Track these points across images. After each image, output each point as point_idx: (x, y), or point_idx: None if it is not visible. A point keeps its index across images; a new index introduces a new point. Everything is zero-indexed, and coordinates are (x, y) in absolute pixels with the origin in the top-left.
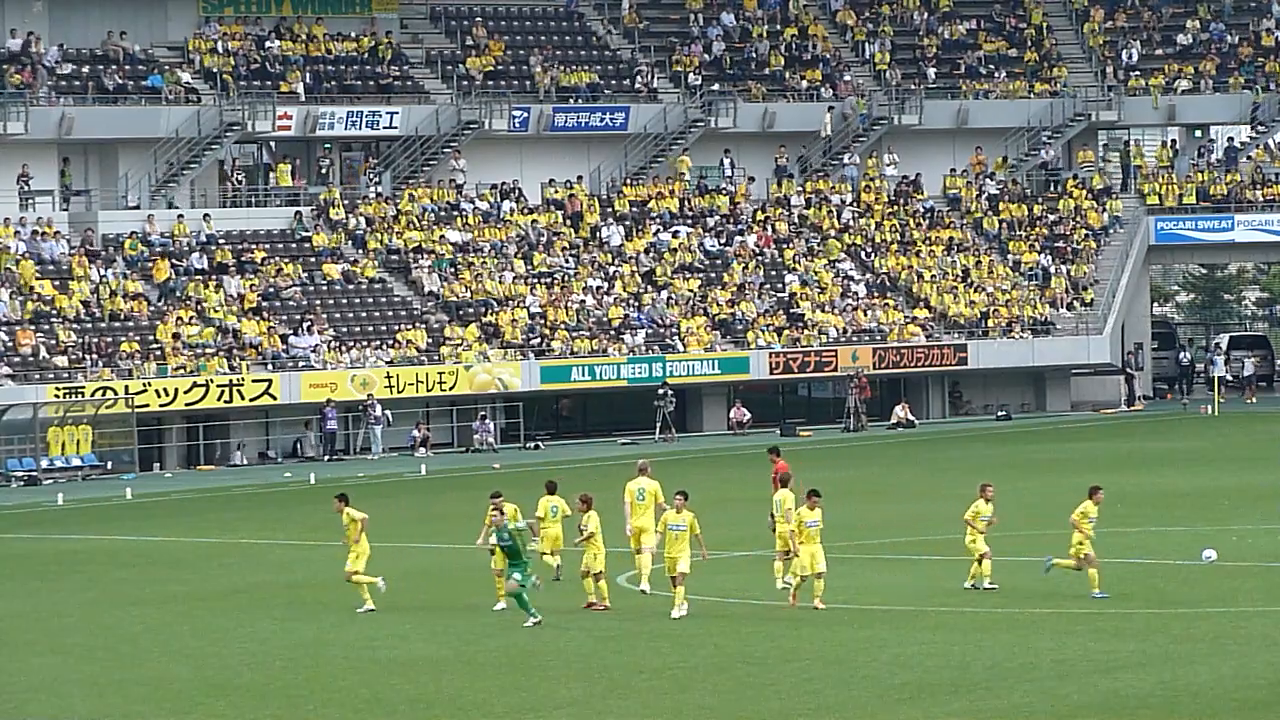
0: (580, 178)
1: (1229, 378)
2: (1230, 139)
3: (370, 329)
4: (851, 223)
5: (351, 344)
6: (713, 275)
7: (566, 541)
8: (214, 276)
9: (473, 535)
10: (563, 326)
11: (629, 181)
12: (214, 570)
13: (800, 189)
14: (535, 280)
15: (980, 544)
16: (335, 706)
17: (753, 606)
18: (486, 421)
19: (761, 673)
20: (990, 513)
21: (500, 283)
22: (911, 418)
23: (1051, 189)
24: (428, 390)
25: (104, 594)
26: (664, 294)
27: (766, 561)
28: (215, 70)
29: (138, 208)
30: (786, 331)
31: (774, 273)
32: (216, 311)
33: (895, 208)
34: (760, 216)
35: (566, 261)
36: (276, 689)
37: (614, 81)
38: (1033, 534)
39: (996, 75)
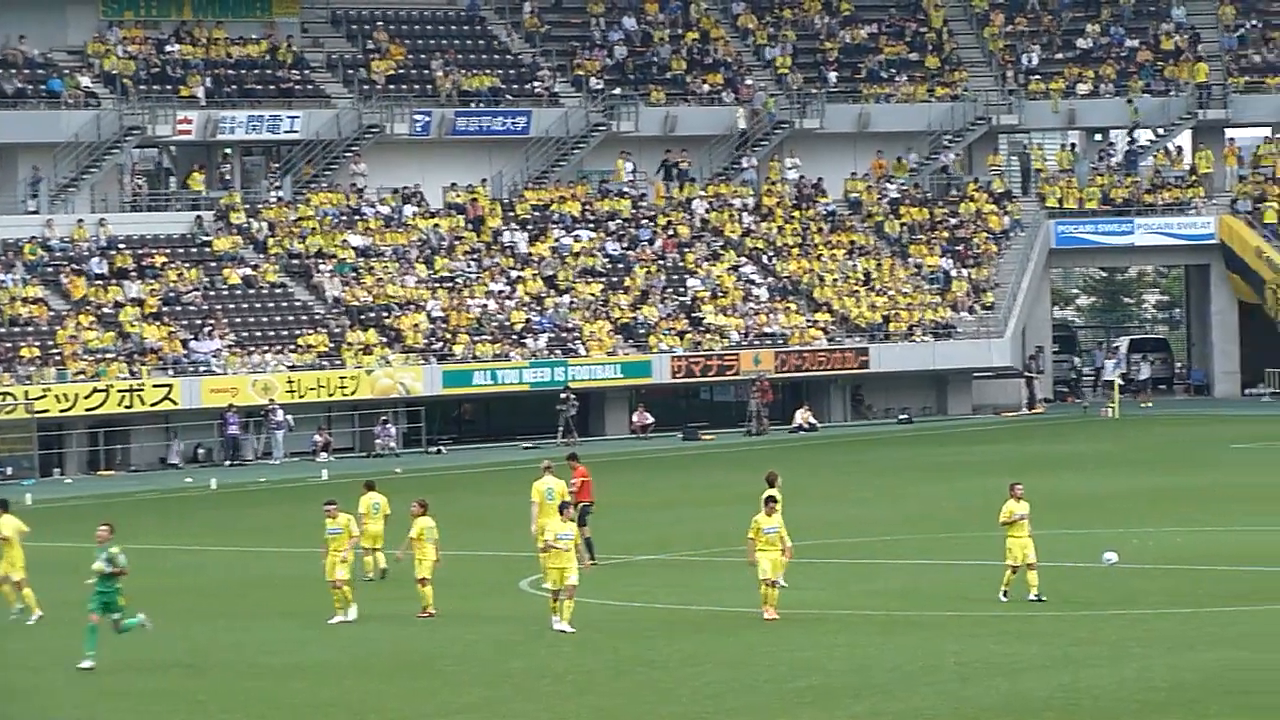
0: (483, 181)
1: (1120, 381)
2: (1131, 142)
3: (271, 333)
4: (753, 226)
5: (253, 349)
6: (615, 279)
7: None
8: (115, 281)
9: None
10: (464, 331)
11: (531, 185)
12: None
13: (711, 194)
14: (437, 284)
15: (1018, 551)
16: (237, 712)
17: (655, 610)
18: (388, 426)
19: (663, 677)
20: (1025, 510)
21: (402, 287)
22: (813, 421)
23: (952, 192)
24: (329, 395)
25: (1, 602)
26: (566, 298)
27: (666, 565)
28: (115, 74)
29: (37, 212)
30: (688, 335)
31: (676, 276)
32: (118, 316)
33: (796, 211)
34: (662, 220)
35: (468, 266)
36: (177, 694)
37: (515, 86)
38: (936, 537)
39: (897, 79)
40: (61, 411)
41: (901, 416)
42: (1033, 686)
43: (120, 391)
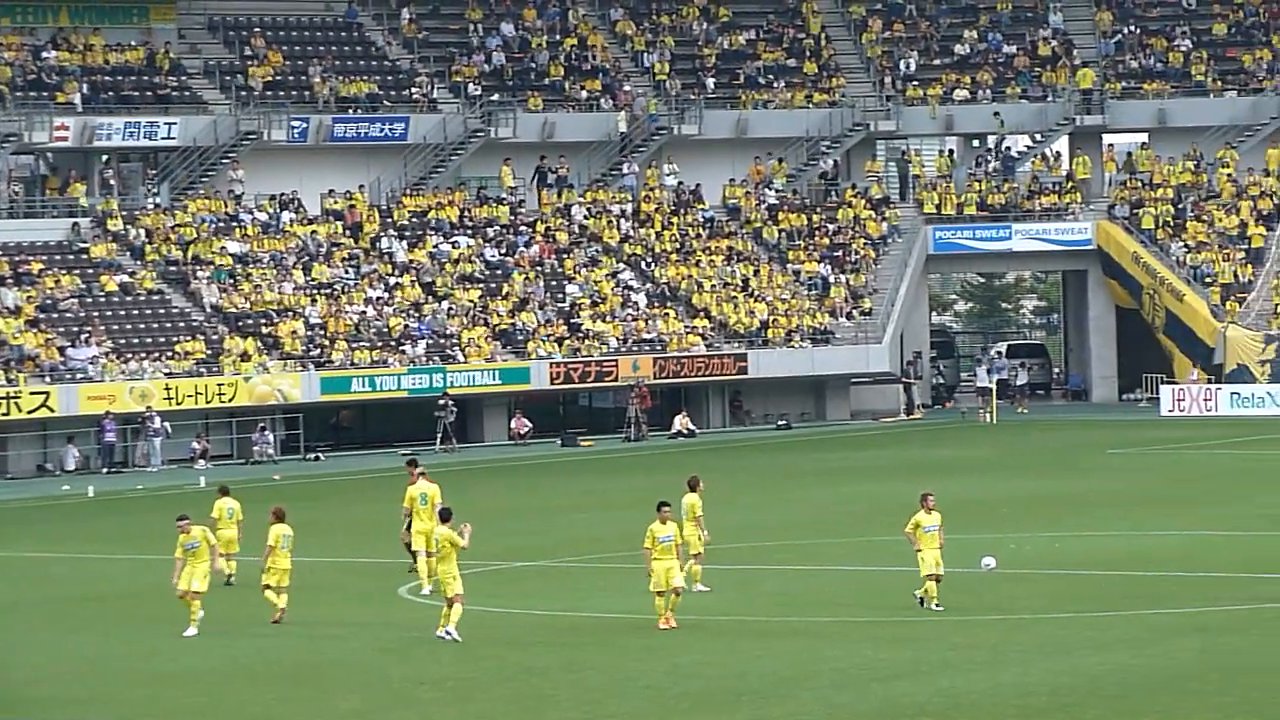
0: (360, 188)
1: (991, 386)
2: (1007, 148)
3: (149, 340)
4: (631, 233)
5: (130, 356)
6: (493, 286)
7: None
8: None
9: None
10: (342, 337)
11: (409, 192)
12: None
13: (589, 200)
14: (315, 291)
15: (930, 561)
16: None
17: (536, 616)
18: (266, 433)
19: (542, 683)
20: (936, 523)
21: (279, 293)
22: (692, 427)
23: (830, 198)
24: (207, 401)
25: None
26: (444, 304)
27: (546, 571)
28: None
29: None
30: (567, 341)
31: (554, 283)
32: None
33: (675, 217)
34: (541, 227)
35: (346, 272)
36: (62, 701)
37: (393, 92)
38: (815, 543)
39: (775, 85)
40: None
41: (780, 422)
42: (909, 691)
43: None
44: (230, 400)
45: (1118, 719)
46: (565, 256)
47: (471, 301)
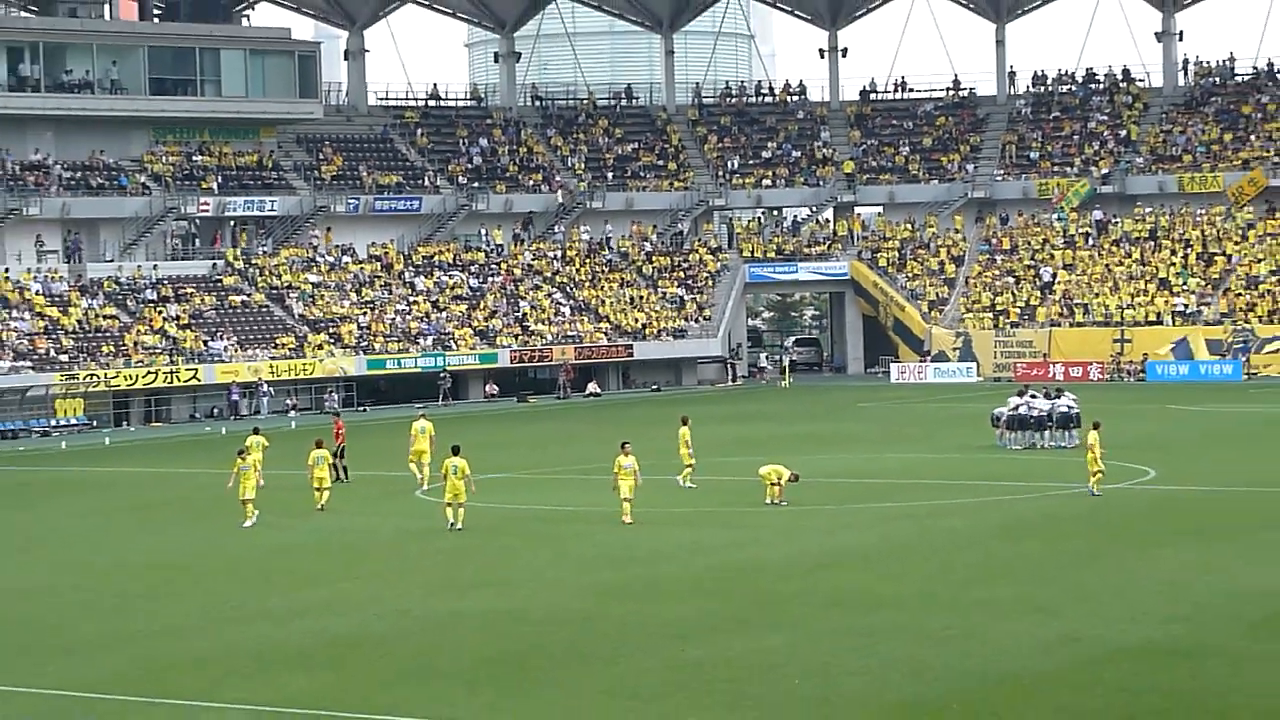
0: (391, 241)
1: (785, 365)
2: (794, 217)
3: (259, 336)
4: (560, 269)
5: (247, 346)
6: (474, 302)
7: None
8: (161, 304)
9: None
10: (381, 334)
11: (421, 244)
12: (140, 492)
13: (530, 248)
14: (363, 305)
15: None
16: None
17: (511, 510)
18: (333, 394)
19: (519, 550)
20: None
21: (341, 307)
22: (598, 390)
23: (684, 247)
24: (295, 375)
25: (93, 504)
26: (444, 314)
27: (510, 481)
28: (160, 174)
29: (112, 260)
30: (520, 337)
31: (512, 301)
32: (163, 326)
33: (588, 259)
34: (504, 266)
35: (382, 294)
36: (202, 550)
37: (411, 181)
38: (668, 462)
39: (649, 177)
40: (127, 386)
41: (654, 387)
42: (724, 559)
43: (165, 373)
44: (310, 374)
45: (855, 575)
46: (519, 284)
47: (460, 312)
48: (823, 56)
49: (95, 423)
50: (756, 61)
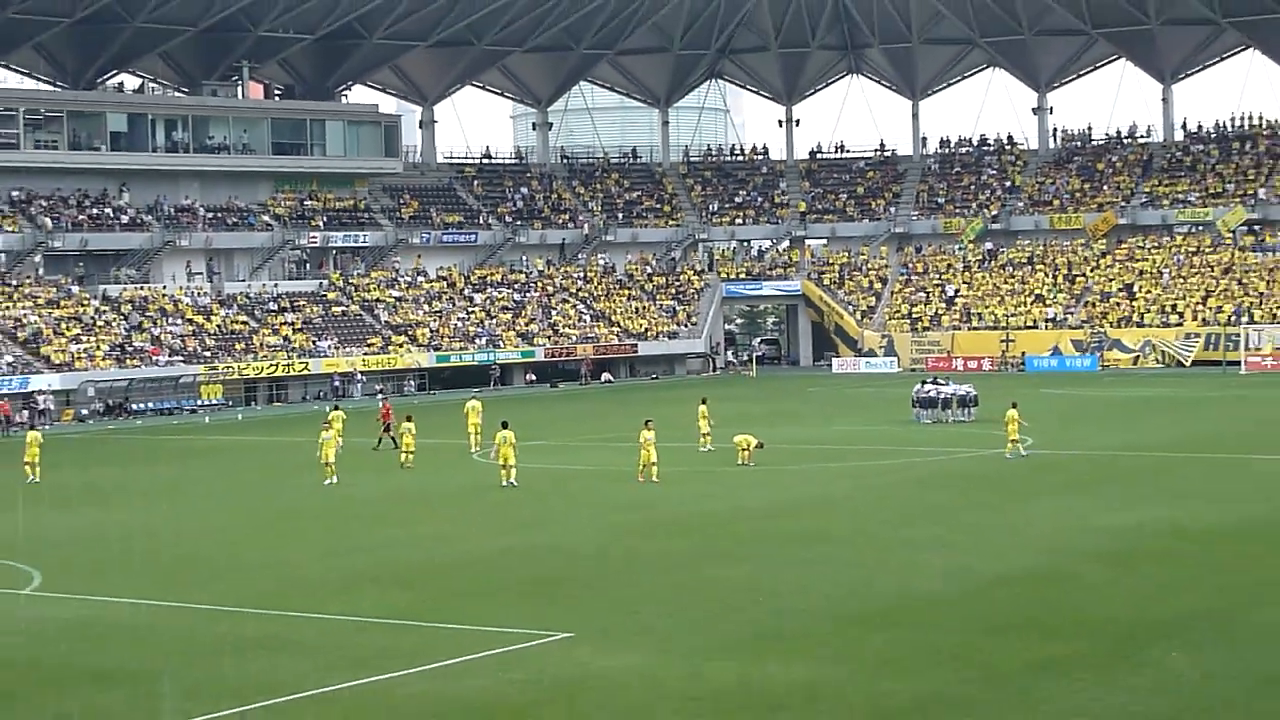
0: (454, 265)
1: (753, 359)
2: (760, 247)
3: (355, 338)
4: (583, 286)
5: (346, 345)
6: (517, 312)
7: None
8: (280, 314)
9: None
10: (447, 336)
11: (477, 267)
12: (263, 456)
13: (560, 271)
14: (434, 314)
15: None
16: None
17: (547, 469)
18: (411, 383)
19: (550, 498)
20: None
21: (417, 315)
22: (611, 379)
23: (676, 271)
24: (382, 367)
25: (231, 464)
26: (494, 320)
27: (544, 448)
28: (280, 214)
29: (243, 280)
30: (552, 338)
31: (546, 311)
32: (282, 330)
33: (605, 280)
34: (541, 284)
35: (449, 305)
36: (306, 509)
37: (469, 219)
38: (662, 431)
39: (649, 217)
40: (256, 375)
41: (653, 376)
42: (711, 505)
43: (283, 365)
44: (393, 366)
45: (807, 519)
46: (551, 298)
47: (507, 319)
48: (781, 125)
49: (230, 403)
50: (731, 129)
